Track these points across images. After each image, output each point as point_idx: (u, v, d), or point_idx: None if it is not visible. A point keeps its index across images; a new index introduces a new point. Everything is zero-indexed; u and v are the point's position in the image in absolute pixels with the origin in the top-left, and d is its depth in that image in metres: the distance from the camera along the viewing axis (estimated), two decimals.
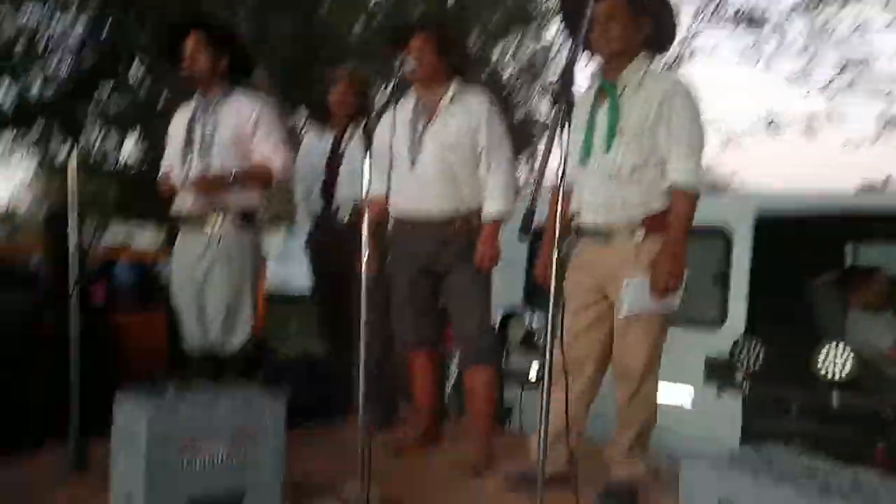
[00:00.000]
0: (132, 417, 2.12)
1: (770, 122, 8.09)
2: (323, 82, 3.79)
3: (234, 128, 3.06)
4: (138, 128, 10.35)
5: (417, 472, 2.90)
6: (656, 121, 2.39)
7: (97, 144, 10.99)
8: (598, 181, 2.44)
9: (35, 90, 9.41)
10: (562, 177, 1.83)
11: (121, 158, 12.23)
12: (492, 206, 2.95)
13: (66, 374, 2.61)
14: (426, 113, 2.98)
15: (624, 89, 2.45)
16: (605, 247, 2.46)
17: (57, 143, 9.58)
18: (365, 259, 2.28)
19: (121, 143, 11.09)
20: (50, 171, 12.86)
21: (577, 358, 2.46)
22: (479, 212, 2.98)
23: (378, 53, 7.59)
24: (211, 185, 2.98)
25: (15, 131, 9.59)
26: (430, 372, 3.20)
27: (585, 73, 2.67)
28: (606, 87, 2.47)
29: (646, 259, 2.40)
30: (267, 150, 3.09)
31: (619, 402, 2.52)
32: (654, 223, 2.41)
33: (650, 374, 2.47)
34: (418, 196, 2.94)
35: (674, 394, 3.67)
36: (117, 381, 3.21)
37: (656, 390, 2.52)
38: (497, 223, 2.96)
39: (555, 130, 1.74)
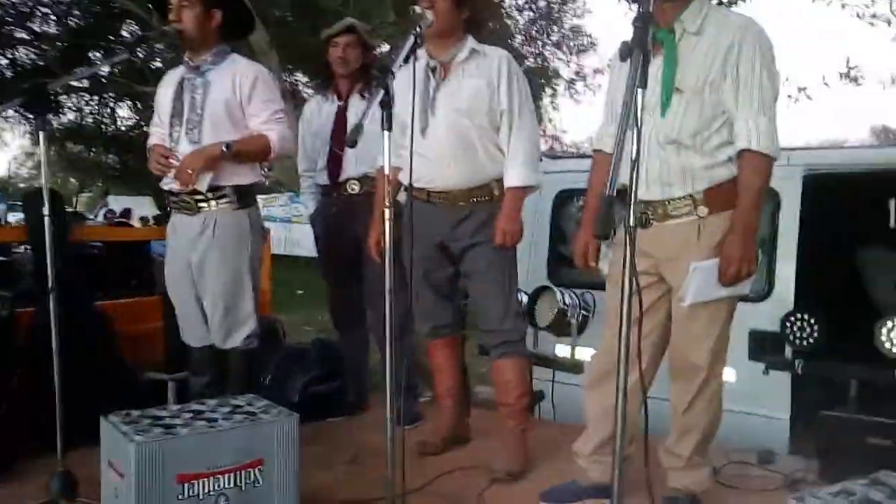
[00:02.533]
0: (120, 450, 1.82)
1: (849, 71, 6.82)
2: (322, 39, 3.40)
3: (227, 96, 2.68)
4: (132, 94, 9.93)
5: (450, 484, 2.59)
6: (721, 72, 2.02)
7: (91, 110, 10.62)
8: (652, 148, 2.07)
9: (22, 56, 9.02)
10: (637, 145, 1.43)
11: (118, 124, 11.89)
12: (514, 176, 2.62)
13: (46, 378, 2.29)
14: (438, 73, 2.64)
15: (682, 35, 2.07)
16: (662, 224, 2.11)
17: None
18: (387, 230, 1.93)
19: (113, 110, 10.70)
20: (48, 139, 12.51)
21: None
22: (500, 181, 2.65)
23: (377, 7, 7.14)
24: (201, 161, 2.61)
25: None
26: (450, 362, 2.90)
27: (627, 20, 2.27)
28: (661, 36, 2.08)
29: (711, 237, 2.05)
30: (263, 120, 2.72)
31: (675, 404, 2.20)
32: (719, 195, 2.05)
33: (716, 370, 2.15)
34: (431, 167, 2.60)
35: None
36: (108, 377, 2.99)
37: (721, 389, 2.19)
38: (520, 195, 2.64)
39: (632, 92, 1.37)
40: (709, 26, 2.06)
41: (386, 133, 1.89)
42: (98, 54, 9.02)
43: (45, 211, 2.25)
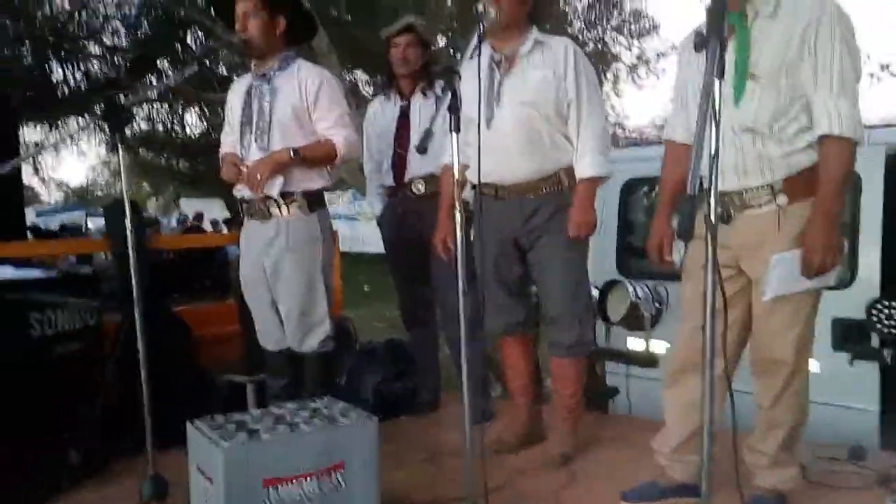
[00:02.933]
0: (208, 455, 1.88)
1: None
2: (383, 40, 3.41)
3: (294, 102, 2.73)
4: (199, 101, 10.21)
5: (527, 483, 2.58)
6: (798, 55, 1.93)
7: (161, 117, 10.97)
8: (727, 138, 2.00)
9: (95, 68, 9.37)
10: (717, 138, 1.37)
11: (187, 131, 12.24)
12: (586, 167, 2.59)
13: (133, 384, 2.38)
14: (503, 66, 2.61)
15: (755, 18, 1.99)
16: (740, 215, 2.04)
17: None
18: (459, 227, 1.93)
19: (182, 117, 11.02)
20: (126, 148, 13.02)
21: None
22: (568, 170, 2.62)
23: (437, 6, 7.13)
24: (270, 167, 2.66)
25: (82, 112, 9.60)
26: (523, 360, 2.88)
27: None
28: (731, 19, 2.00)
29: (792, 228, 1.97)
30: (330, 125, 2.75)
31: (759, 401, 2.13)
32: (799, 184, 1.98)
33: (801, 365, 2.07)
34: (498, 161, 2.58)
35: None
36: (189, 381, 3.08)
37: (807, 384, 2.11)
38: (593, 185, 2.61)
39: (710, 82, 1.33)
40: (784, 6, 1.97)
41: (454, 134, 1.88)
42: (166, 63, 9.32)
43: (128, 225, 2.32)
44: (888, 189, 3.32)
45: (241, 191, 2.80)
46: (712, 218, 1.37)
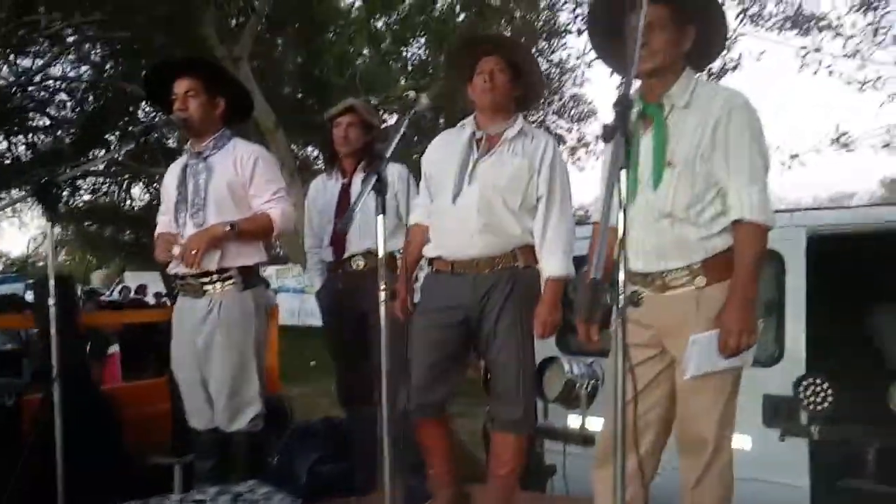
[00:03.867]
0: None
1: (839, 138, 6.72)
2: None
3: (229, 178, 2.75)
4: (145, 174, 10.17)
5: None
6: (711, 144, 2.05)
7: (106, 190, 10.85)
8: (647, 222, 2.09)
9: (40, 139, 9.29)
10: (623, 225, 1.44)
11: (133, 204, 12.11)
12: (555, 266, 2.60)
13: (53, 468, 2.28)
14: (482, 145, 2.65)
15: (671, 111, 2.11)
16: (661, 295, 2.11)
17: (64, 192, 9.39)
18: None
19: (128, 190, 10.93)
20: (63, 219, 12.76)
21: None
22: (524, 249, 2.65)
23: (386, 83, 7.32)
24: (205, 241, 2.66)
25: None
26: (441, 441, 2.78)
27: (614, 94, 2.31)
28: (650, 111, 2.13)
29: (710, 309, 2.04)
30: (265, 200, 2.78)
31: (684, 480, 2.14)
32: (716, 266, 2.06)
33: (724, 443, 2.10)
34: (457, 237, 2.61)
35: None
36: (112, 463, 2.96)
37: (731, 462, 2.14)
38: (561, 285, 2.62)
39: (614, 173, 1.39)
40: (697, 100, 2.09)
41: (380, 217, 1.91)
42: (114, 136, 9.30)
43: (50, 302, 2.28)
44: (811, 269, 3.46)
45: (174, 267, 2.78)
46: (620, 303, 1.41)
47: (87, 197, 11.98)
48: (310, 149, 10.88)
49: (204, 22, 6.66)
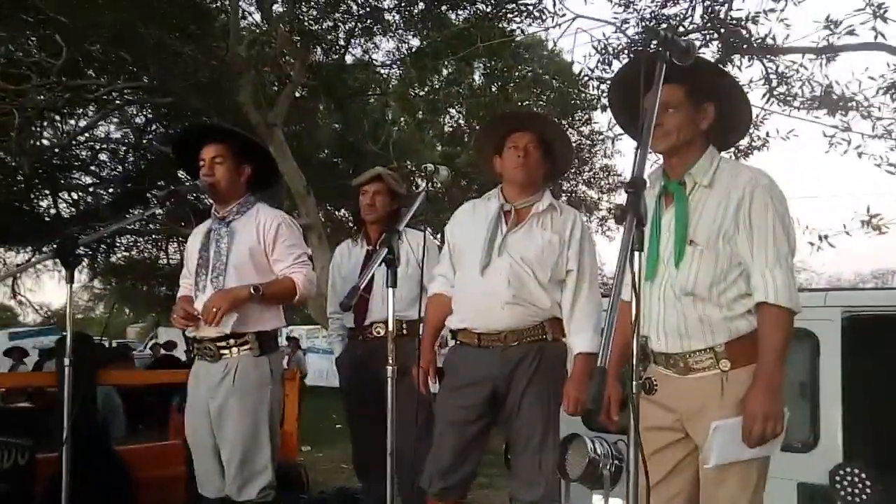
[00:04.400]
0: None
1: (871, 220, 6.53)
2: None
3: (251, 244, 2.77)
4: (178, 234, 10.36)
5: None
6: (734, 225, 2.00)
7: (141, 246, 11.07)
8: (669, 299, 2.03)
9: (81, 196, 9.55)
10: (637, 308, 1.40)
11: (168, 261, 12.33)
12: (585, 342, 2.57)
13: None
14: (511, 218, 2.66)
15: (693, 189, 2.07)
16: (684, 378, 2.03)
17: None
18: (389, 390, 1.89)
19: (166, 247, 11.14)
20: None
21: None
22: (552, 322, 2.62)
23: (420, 150, 7.43)
24: (228, 301, 2.65)
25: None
26: None
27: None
28: (672, 188, 2.10)
29: (735, 394, 1.95)
30: (288, 265, 2.78)
31: None
32: (742, 349, 1.98)
33: None
34: (484, 309, 2.58)
35: None
36: None
37: None
38: (591, 361, 2.54)
39: (626, 254, 1.36)
40: (720, 178, 2.06)
41: (390, 290, 1.89)
42: (151, 196, 9.53)
43: (66, 362, 2.28)
44: (846, 350, 3.34)
45: (192, 331, 2.78)
46: (633, 390, 1.35)
47: (125, 253, 12.25)
48: (343, 211, 11.01)
49: (241, 89, 6.87)
